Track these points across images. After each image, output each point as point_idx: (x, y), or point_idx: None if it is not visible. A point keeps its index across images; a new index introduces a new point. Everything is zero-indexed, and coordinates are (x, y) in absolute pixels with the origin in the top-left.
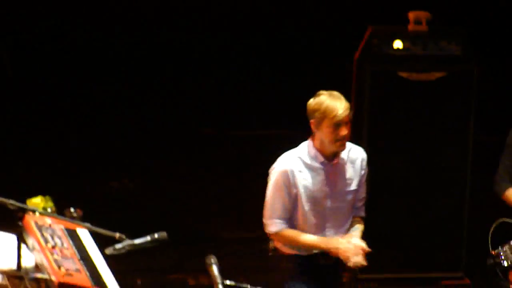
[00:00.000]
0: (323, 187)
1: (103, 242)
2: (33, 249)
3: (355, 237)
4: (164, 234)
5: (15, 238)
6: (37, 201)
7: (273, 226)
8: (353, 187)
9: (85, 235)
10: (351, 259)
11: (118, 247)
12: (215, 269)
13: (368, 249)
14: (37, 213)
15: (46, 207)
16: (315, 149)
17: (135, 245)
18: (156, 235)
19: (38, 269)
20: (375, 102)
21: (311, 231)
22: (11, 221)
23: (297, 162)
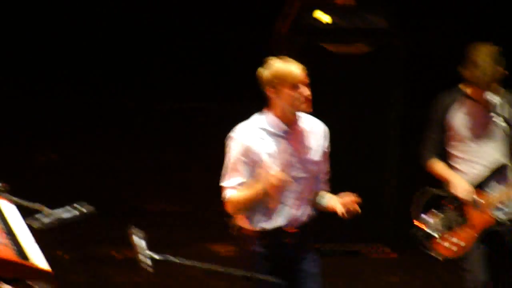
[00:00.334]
0: (286, 156)
1: (29, 216)
2: None
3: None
4: (90, 207)
5: None
6: None
7: (225, 194)
8: (316, 157)
9: (10, 209)
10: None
11: (44, 220)
12: (140, 242)
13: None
14: None
15: None
16: (276, 118)
17: (61, 218)
18: (82, 208)
19: None
20: None
21: (272, 201)
22: None
23: (258, 131)
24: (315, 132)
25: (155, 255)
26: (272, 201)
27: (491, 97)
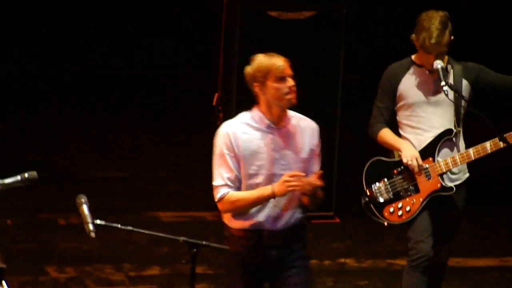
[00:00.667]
0: (270, 151)
1: None
2: None
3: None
4: (34, 173)
5: None
6: None
7: (217, 193)
8: (303, 155)
9: None
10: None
11: None
12: (86, 209)
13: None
14: None
15: None
16: (260, 113)
17: (5, 185)
18: (26, 175)
19: None
20: (245, 41)
21: None
22: None
23: (241, 125)
24: (303, 129)
25: (98, 221)
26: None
27: (437, 64)
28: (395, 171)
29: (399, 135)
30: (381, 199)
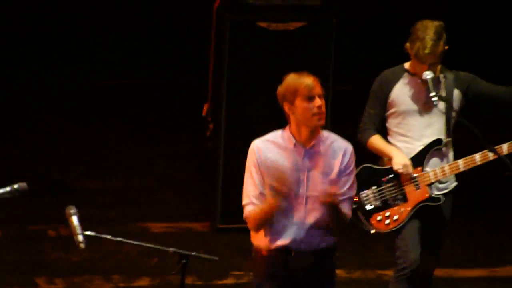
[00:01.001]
0: (295, 172)
1: None
2: None
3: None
4: (24, 184)
5: None
6: None
7: (244, 211)
8: (331, 176)
9: None
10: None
11: None
12: (75, 220)
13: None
14: None
15: None
16: (289, 132)
17: None
18: (16, 186)
19: None
20: (235, 52)
21: (280, 219)
22: None
23: (268, 143)
24: (335, 150)
25: (88, 232)
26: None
27: (426, 75)
28: (384, 179)
29: (388, 141)
30: (368, 207)
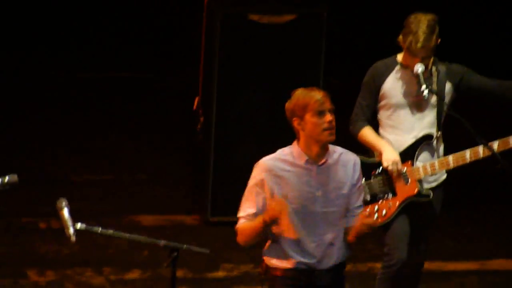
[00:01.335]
0: (310, 189)
1: None
2: None
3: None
4: (14, 177)
5: None
6: None
7: (237, 223)
8: (345, 190)
9: None
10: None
11: None
12: (66, 213)
13: None
14: None
15: None
16: (299, 149)
17: None
18: (6, 178)
19: None
20: (226, 45)
21: (297, 237)
22: None
23: (279, 162)
24: (345, 164)
25: (79, 225)
26: (275, 229)
27: (417, 69)
28: (373, 172)
29: (379, 133)
30: (366, 198)
